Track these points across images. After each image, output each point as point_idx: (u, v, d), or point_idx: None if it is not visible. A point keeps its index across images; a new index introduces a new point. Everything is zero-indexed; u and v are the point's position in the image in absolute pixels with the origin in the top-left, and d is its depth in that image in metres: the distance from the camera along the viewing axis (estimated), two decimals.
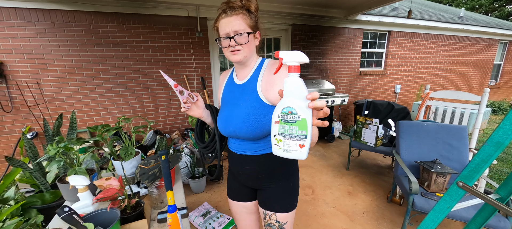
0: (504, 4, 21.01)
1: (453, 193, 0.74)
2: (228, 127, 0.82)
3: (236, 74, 0.88)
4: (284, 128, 0.50)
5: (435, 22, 5.06)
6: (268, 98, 0.76)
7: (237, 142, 0.88)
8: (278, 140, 0.51)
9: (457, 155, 1.79)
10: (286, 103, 0.49)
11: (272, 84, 0.76)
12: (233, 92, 0.85)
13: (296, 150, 0.50)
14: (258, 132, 0.77)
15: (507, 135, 0.60)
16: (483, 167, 0.66)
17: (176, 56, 3.05)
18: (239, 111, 0.80)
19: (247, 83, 0.81)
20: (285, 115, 0.49)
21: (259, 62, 0.82)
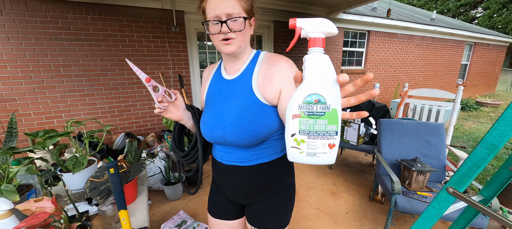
0: (468, 9, 22.96)
1: (442, 200, 0.68)
2: (214, 131, 0.69)
3: (225, 67, 0.74)
4: (308, 123, 0.37)
5: (411, 23, 5.28)
6: (265, 95, 0.65)
7: (225, 150, 0.74)
8: (299, 141, 0.39)
9: (435, 152, 1.81)
10: (310, 88, 0.36)
11: (270, 79, 0.64)
12: (221, 89, 0.72)
13: (325, 152, 0.38)
14: (253, 137, 0.65)
15: (502, 137, 0.54)
16: (476, 171, 0.60)
17: (150, 51, 2.82)
18: (229, 111, 0.67)
19: (239, 78, 0.69)
20: (309, 105, 0.37)
21: (254, 54, 0.71)
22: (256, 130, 0.64)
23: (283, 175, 0.77)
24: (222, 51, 0.66)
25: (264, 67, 0.67)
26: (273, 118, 0.67)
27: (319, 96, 0.36)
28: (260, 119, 0.65)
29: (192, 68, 3.15)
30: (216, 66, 0.79)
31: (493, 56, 8.57)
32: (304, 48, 4.01)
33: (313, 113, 0.37)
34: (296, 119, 0.38)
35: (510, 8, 19.26)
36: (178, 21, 2.86)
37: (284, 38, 3.72)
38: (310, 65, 0.37)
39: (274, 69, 0.65)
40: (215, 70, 0.78)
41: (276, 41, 3.65)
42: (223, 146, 0.74)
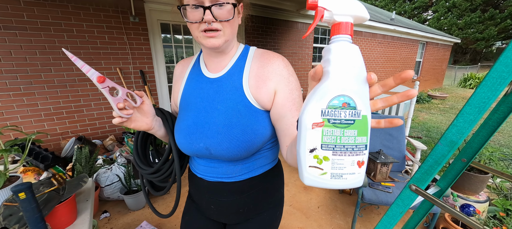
0: (421, 12, 25.67)
1: (405, 198, 0.68)
2: (196, 142, 0.57)
3: (206, 63, 0.62)
4: (333, 135, 0.29)
5: (374, 22, 5.62)
6: (258, 98, 0.56)
7: (207, 164, 0.63)
8: (322, 159, 0.30)
9: (396, 144, 1.92)
10: (338, 88, 0.29)
11: (264, 80, 0.55)
12: (202, 90, 0.60)
13: (353, 172, 0.30)
14: (246, 149, 0.55)
15: (461, 134, 0.54)
16: (436, 168, 0.60)
17: (104, 44, 2.49)
18: (215, 117, 0.56)
19: (225, 77, 0.58)
20: (336, 111, 0.29)
21: (242, 49, 0.61)
22: (249, 141, 0.55)
23: (275, 188, 0.70)
24: (203, 45, 0.54)
25: (256, 65, 0.57)
26: (266, 125, 0.58)
27: (349, 98, 0.28)
28: (253, 126, 0.55)
29: (157, 63, 2.89)
30: (192, 60, 0.66)
31: (441, 54, 9.70)
32: (295, 45, 3.98)
33: (340, 121, 0.29)
34: (317, 129, 0.29)
35: (454, 12, 22.03)
36: (137, 11, 2.57)
37: (255, 32, 3.63)
38: (337, 58, 0.29)
39: (268, 68, 0.56)
40: (192, 66, 0.65)
41: (248, 35, 3.55)
42: (206, 159, 0.63)
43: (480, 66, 17.97)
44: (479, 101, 0.50)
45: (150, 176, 0.68)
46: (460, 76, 12.57)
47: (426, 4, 25.01)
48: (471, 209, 1.40)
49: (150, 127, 0.59)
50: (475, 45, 21.73)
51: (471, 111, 0.51)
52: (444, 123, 4.96)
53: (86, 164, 1.71)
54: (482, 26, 20.71)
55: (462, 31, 21.53)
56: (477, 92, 0.50)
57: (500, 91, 0.47)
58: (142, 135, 0.69)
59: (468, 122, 0.52)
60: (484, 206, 1.50)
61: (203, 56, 0.63)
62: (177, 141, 0.61)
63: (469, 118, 0.52)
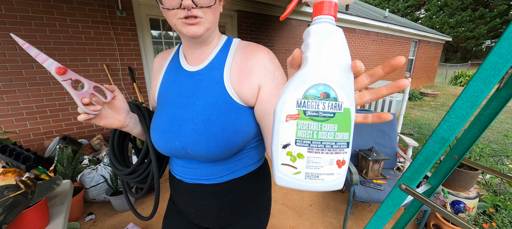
0: (414, 10, 26.02)
1: (395, 197, 0.65)
2: (171, 141, 0.52)
3: (186, 55, 0.57)
4: (309, 129, 0.26)
5: (368, 20, 5.63)
6: (240, 93, 0.52)
7: (186, 164, 0.58)
8: (295, 156, 0.27)
9: (388, 141, 1.91)
10: (316, 76, 0.25)
11: (248, 73, 0.51)
12: (180, 84, 0.55)
13: (332, 172, 0.27)
14: (226, 148, 0.51)
15: (452, 130, 0.51)
16: (427, 167, 0.57)
17: (89, 39, 2.39)
18: (192, 113, 0.52)
19: (206, 70, 0.54)
20: (314, 102, 0.25)
21: (225, 40, 0.57)
22: (230, 139, 0.51)
23: (261, 190, 0.65)
24: (183, 34, 0.49)
25: (239, 58, 0.53)
26: (250, 122, 0.54)
27: (329, 88, 0.25)
28: (234, 124, 0.51)
29: (146, 59, 2.80)
30: (171, 53, 0.61)
31: (433, 52, 9.84)
32: (289, 42, 3.93)
33: (318, 114, 0.25)
34: (292, 122, 0.26)
35: (446, 11, 22.38)
36: (124, 5, 2.48)
37: (248, 29, 3.57)
38: (316, 42, 0.26)
39: (252, 61, 0.52)
40: (171, 58, 0.60)
41: (241, 32, 3.48)
42: (184, 160, 0.58)
43: (470, 64, 18.38)
44: (471, 95, 0.47)
45: (127, 177, 0.63)
46: (451, 74, 12.81)
47: (418, 3, 25.36)
48: (462, 206, 1.39)
49: (123, 125, 0.54)
50: (465, 43, 22.19)
51: (463, 105, 0.48)
52: (436, 120, 5.03)
53: (69, 165, 1.64)
54: (473, 25, 21.16)
55: (453, 29, 21.94)
56: (470, 85, 0.47)
57: (494, 83, 0.44)
58: (119, 133, 0.64)
59: (460, 118, 0.49)
60: (474, 202, 1.50)
61: (182, 48, 0.58)
62: (152, 139, 0.56)
63: (461, 113, 0.49)
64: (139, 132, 0.60)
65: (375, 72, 0.25)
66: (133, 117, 0.58)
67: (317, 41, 0.26)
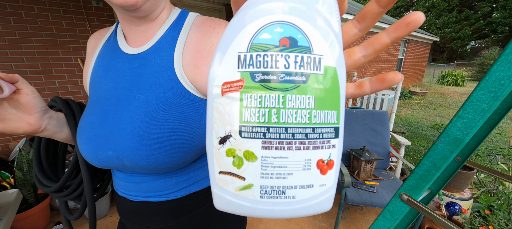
0: (403, 11, 26.74)
1: (396, 210, 0.55)
2: (101, 149, 0.39)
3: (125, 34, 0.43)
4: (263, 106, 0.15)
5: None
6: (197, 82, 0.40)
7: (128, 178, 0.45)
8: (241, 158, 0.16)
9: (380, 140, 1.83)
10: (269, 8, 0.14)
11: (207, 55, 0.39)
12: (117, 72, 0.42)
13: (310, 184, 0.16)
14: (178, 155, 0.39)
15: (469, 129, 0.40)
16: (435, 174, 0.47)
17: (61, 31, 2.18)
18: (131, 111, 0.39)
19: (151, 52, 0.41)
20: (267, 54, 0.15)
21: (178, 14, 0.44)
22: (184, 144, 0.39)
23: None
24: (113, 3, 0.35)
25: (195, 35, 0.41)
26: None
27: (294, 29, 0.15)
28: (189, 123, 0.39)
29: None
30: (108, 31, 0.48)
31: (421, 51, 10.03)
32: None
33: (277, 78, 0.15)
34: (232, 95, 0.16)
35: (433, 12, 23.08)
36: None
37: None
38: None
39: (213, 39, 0.40)
40: (107, 39, 0.46)
41: None
42: (125, 172, 0.45)
43: (456, 64, 19.00)
44: (495, 84, 0.36)
45: (56, 194, 0.49)
46: (438, 73, 13.14)
47: (407, 4, 26.00)
48: (457, 208, 1.33)
49: (36, 129, 0.40)
50: (451, 44, 22.95)
51: (484, 97, 0.38)
52: (425, 118, 5.07)
53: (30, 170, 1.45)
54: (458, 26, 21.90)
55: (440, 30, 22.63)
56: (493, 70, 0.36)
57: None
58: (44, 141, 0.50)
59: (480, 113, 0.39)
60: (469, 203, 1.44)
61: (121, 25, 0.44)
62: (79, 147, 0.42)
63: (481, 106, 0.38)
64: (66, 136, 0.46)
65: (368, 9, 0.16)
66: (56, 118, 0.44)
67: None
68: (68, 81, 2.32)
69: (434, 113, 5.59)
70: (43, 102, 0.40)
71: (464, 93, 8.80)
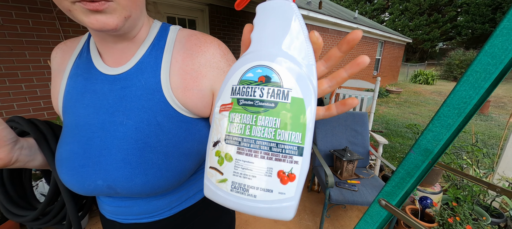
0: (379, 13, 28.11)
1: (375, 214, 0.59)
2: (89, 179, 0.37)
3: (101, 52, 0.40)
4: (241, 122, 0.21)
5: (340, 20, 5.82)
6: (188, 104, 0.39)
7: (118, 203, 0.44)
8: (223, 158, 0.21)
9: (361, 140, 1.93)
10: (256, 56, 0.21)
11: (195, 76, 0.39)
12: (95, 95, 0.39)
13: (269, 188, 0.20)
14: (174, 178, 0.39)
15: (437, 141, 0.44)
16: (409, 181, 0.51)
17: (27, 30, 2.00)
18: (120, 138, 0.37)
19: (133, 73, 0.38)
20: (248, 87, 0.21)
21: (158, 29, 0.42)
22: (179, 167, 0.39)
23: (223, 214, 0.53)
24: (87, 26, 0.32)
25: (181, 55, 0.39)
26: (204, 138, 0.42)
27: (269, 70, 0.20)
28: (183, 144, 0.38)
29: None
30: (77, 45, 0.43)
31: (396, 52, 10.66)
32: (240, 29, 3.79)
33: (253, 103, 0.21)
34: (224, 113, 0.22)
35: (406, 15, 24.57)
36: None
37: (221, 25, 3.39)
38: (260, 19, 0.22)
39: (200, 59, 0.40)
40: (78, 55, 0.42)
41: (213, 28, 3.29)
42: (114, 197, 0.43)
43: (427, 64, 20.44)
44: (459, 101, 0.41)
45: (33, 224, 0.46)
46: (411, 72, 14.06)
47: (383, 7, 27.43)
48: (429, 202, 1.44)
49: (8, 163, 0.36)
50: (423, 45, 24.62)
51: (449, 113, 0.42)
52: (400, 115, 5.41)
53: None
54: (428, 28, 23.56)
55: (412, 32, 24.18)
56: (457, 90, 0.40)
57: (484, 88, 0.37)
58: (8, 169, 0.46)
59: (446, 127, 0.43)
60: (439, 196, 1.57)
61: (95, 41, 0.40)
62: (60, 177, 0.39)
63: (447, 121, 0.42)
64: (40, 163, 0.43)
65: (332, 53, 0.22)
66: (28, 146, 0.40)
67: (261, 18, 0.22)
68: (36, 85, 2.14)
69: (408, 110, 5.98)
70: (12, 133, 0.37)
71: (434, 91, 9.51)
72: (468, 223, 1.27)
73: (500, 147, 1.64)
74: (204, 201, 0.50)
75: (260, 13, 0.22)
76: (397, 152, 3.21)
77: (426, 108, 6.32)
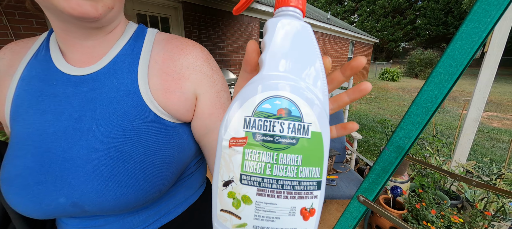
0: (349, 15, 29.83)
1: (354, 210, 0.61)
2: (49, 197, 0.32)
3: (64, 50, 0.36)
4: (261, 160, 0.19)
5: (313, 20, 6.03)
6: (169, 107, 0.37)
7: (87, 223, 0.39)
8: (240, 200, 0.19)
9: None
10: (272, 85, 0.19)
11: (177, 79, 0.37)
12: (55, 98, 0.34)
13: (293, 227, 0.19)
14: (153, 189, 0.35)
15: (408, 138, 0.47)
16: (385, 177, 0.54)
17: None
18: (88, 147, 0.32)
19: (105, 73, 0.35)
20: (266, 121, 0.19)
21: (135, 30, 0.39)
22: (159, 176, 0.35)
23: (204, 222, 0.50)
24: (62, 11, 0.28)
25: (160, 55, 0.37)
26: (186, 144, 0.39)
27: (289, 102, 0.19)
28: (163, 151, 0.35)
29: None
30: (33, 44, 0.38)
31: (366, 51, 11.40)
32: (241, 39, 3.72)
33: (273, 139, 0.19)
34: (237, 149, 0.19)
35: (373, 17, 26.41)
36: None
37: (196, 23, 3.29)
38: (275, 39, 0.20)
39: (182, 61, 0.37)
40: (34, 55, 0.36)
41: (187, 26, 3.17)
42: (81, 218, 0.38)
43: (392, 62, 22.24)
44: (426, 101, 0.43)
45: None
46: (379, 70, 15.17)
47: (353, 8, 29.16)
48: (399, 190, 1.56)
49: None
50: (388, 45, 26.73)
51: (418, 112, 0.45)
52: (371, 111, 5.80)
53: None
54: (392, 30, 25.64)
55: (379, 33, 26.10)
56: (424, 90, 0.43)
57: (448, 88, 0.41)
58: None
59: (416, 125, 0.46)
60: (407, 185, 1.71)
61: (57, 38, 0.36)
62: (7, 199, 0.33)
63: (417, 119, 0.45)
64: None
65: (335, 77, 0.23)
66: None
67: (276, 39, 0.20)
68: None
69: (378, 106, 6.44)
70: None
71: (399, 87, 10.38)
72: (432, 207, 1.40)
73: (456, 137, 1.84)
74: (186, 214, 0.47)
75: (272, 31, 0.20)
76: (369, 145, 3.42)
77: (393, 103, 6.86)
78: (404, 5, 24.35)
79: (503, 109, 5.97)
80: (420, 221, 1.38)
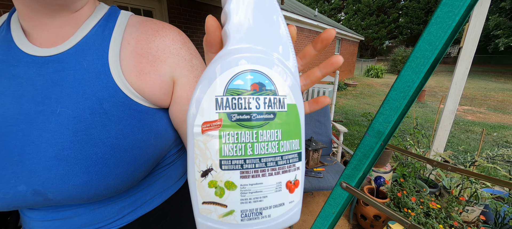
0: (336, 13, 30.38)
1: (337, 196, 0.62)
2: (7, 187, 0.29)
3: (27, 29, 0.33)
4: (240, 142, 0.18)
5: (301, 17, 6.07)
6: (144, 90, 0.34)
7: (52, 215, 0.36)
8: (223, 188, 0.18)
9: (324, 130, 2.05)
10: (241, 59, 0.18)
11: (152, 61, 0.35)
12: (16, 80, 0.31)
13: (281, 202, 0.19)
14: (126, 176, 0.33)
15: (387, 123, 0.48)
16: (366, 162, 0.55)
17: None
18: (51, 130, 0.30)
19: (72, 53, 0.32)
20: (241, 98, 0.18)
21: (106, 11, 0.37)
22: (133, 161, 0.33)
23: (187, 215, 0.48)
24: None
25: (133, 37, 0.35)
26: (163, 130, 0.37)
27: (262, 76, 0.18)
28: (137, 136, 0.34)
29: None
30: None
31: (352, 49, 11.69)
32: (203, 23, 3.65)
33: (250, 117, 0.18)
34: (212, 133, 0.18)
35: (359, 15, 27.08)
36: None
37: (182, 17, 3.20)
38: (239, 8, 0.18)
39: (158, 43, 0.36)
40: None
41: (172, 20, 3.08)
42: (46, 209, 0.35)
43: (377, 59, 22.99)
44: (404, 85, 0.44)
45: None
46: (364, 67, 15.63)
47: (339, 6, 29.73)
48: (382, 180, 1.62)
49: None
50: (373, 42, 27.55)
51: (396, 96, 0.46)
52: (357, 106, 5.97)
53: None
54: (377, 28, 26.45)
55: (365, 31, 26.82)
56: (402, 75, 0.44)
57: (424, 72, 0.42)
58: None
59: (394, 109, 0.46)
60: (390, 175, 1.78)
61: (19, 17, 0.33)
62: None
63: (395, 104, 0.46)
64: None
65: (307, 52, 0.23)
66: None
67: (237, 7, 0.18)
68: None
69: (363, 101, 6.64)
70: None
71: (384, 83, 10.76)
72: (412, 195, 1.47)
73: (434, 129, 1.94)
74: (166, 206, 0.45)
75: (234, 4, 0.19)
76: (355, 139, 3.53)
77: (377, 98, 7.10)
78: (387, 4, 25.18)
79: (477, 103, 6.37)
80: (401, 208, 1.44)
